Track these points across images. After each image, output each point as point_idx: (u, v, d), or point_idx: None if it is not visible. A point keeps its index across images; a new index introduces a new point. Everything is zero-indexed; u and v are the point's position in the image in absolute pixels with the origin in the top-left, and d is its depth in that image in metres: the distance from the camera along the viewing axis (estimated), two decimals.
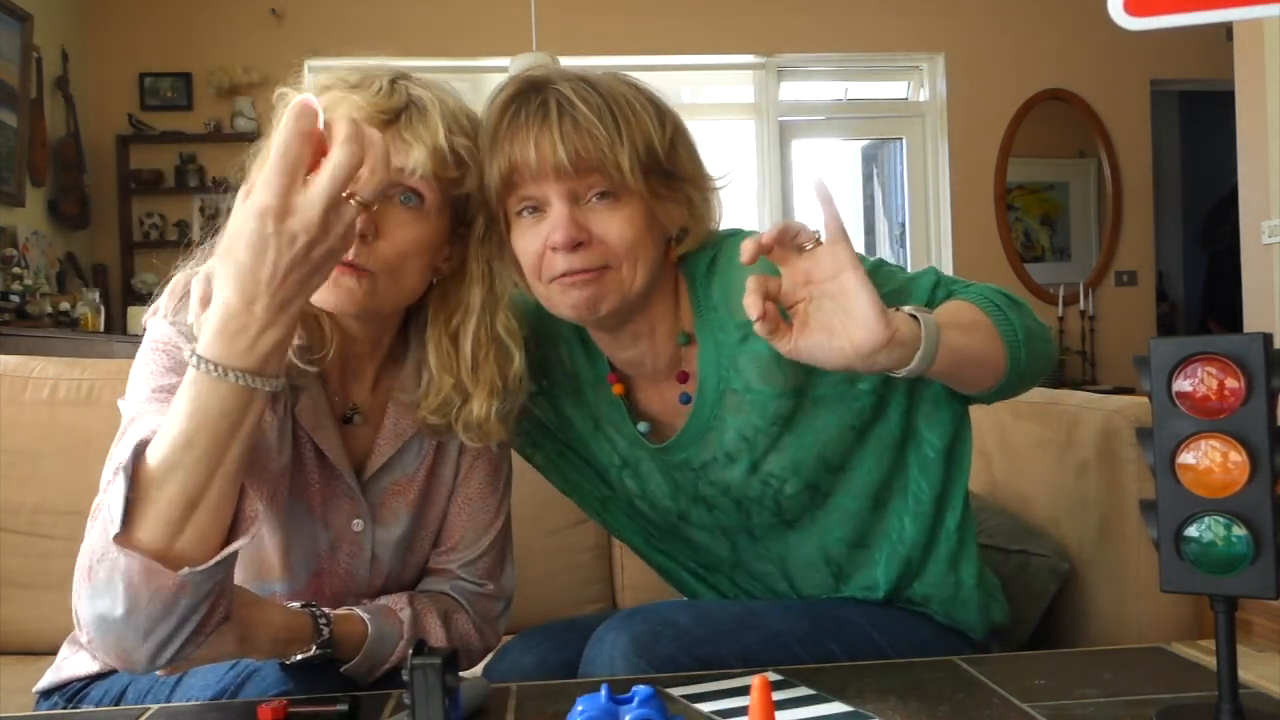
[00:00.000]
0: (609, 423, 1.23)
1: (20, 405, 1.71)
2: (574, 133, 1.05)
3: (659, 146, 1.09)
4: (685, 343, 1.18)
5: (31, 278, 4.24)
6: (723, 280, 1.15)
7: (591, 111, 1.06)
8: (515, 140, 1.06)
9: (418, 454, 1.17)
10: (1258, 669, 1.01)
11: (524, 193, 1.08)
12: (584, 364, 1.24)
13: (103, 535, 0.87)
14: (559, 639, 1.24)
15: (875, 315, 0.92)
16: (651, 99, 1.13)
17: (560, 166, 1.05)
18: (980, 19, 5.62)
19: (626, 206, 1.08)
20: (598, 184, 1.07)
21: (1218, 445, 0.83)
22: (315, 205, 0.83)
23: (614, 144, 1.06)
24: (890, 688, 0.99)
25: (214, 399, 0.85)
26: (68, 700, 1.17)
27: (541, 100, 1.07)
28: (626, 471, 1.24)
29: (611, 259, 1.08)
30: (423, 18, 5.26)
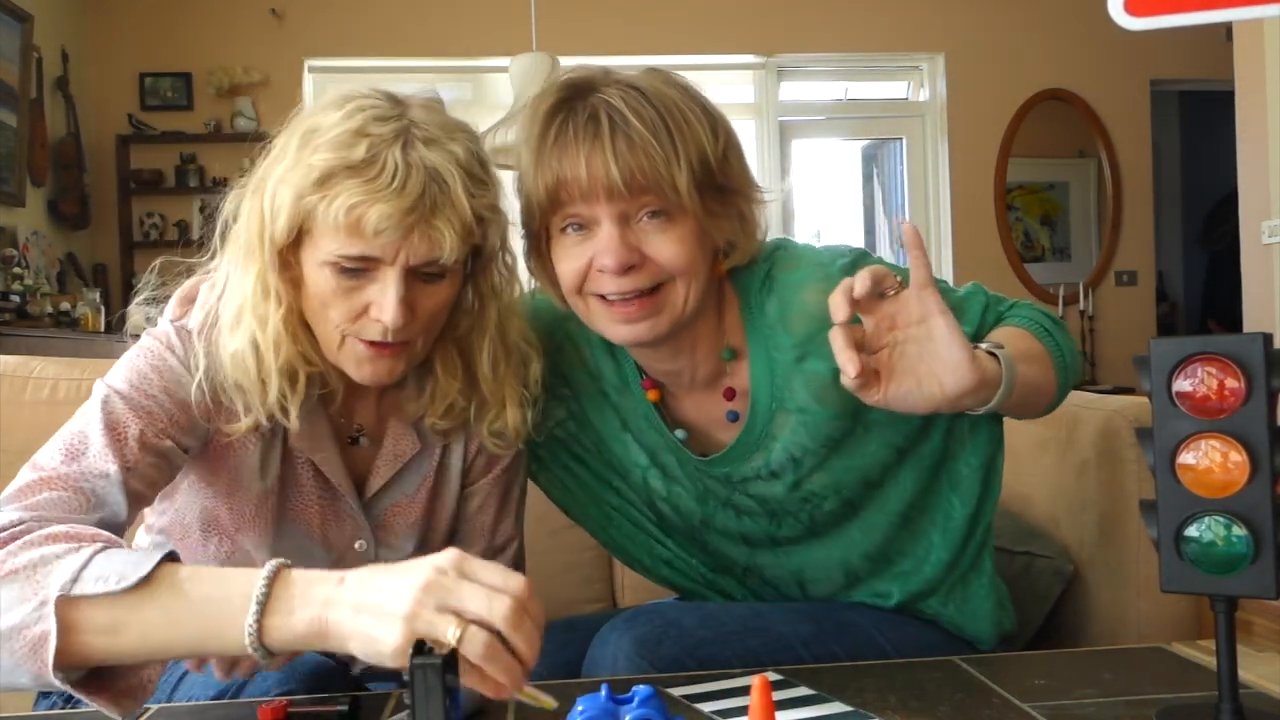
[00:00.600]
0: (638, 426, 1.21)
1: (20, 405, 1.70)
2: (628, 151, 1.00)
3: (713, 159, 1.04)
4: (730, 358, 1.15)
5: (32, 278, 4.24)
6: (780, 297, 1.12)
7: (646, 126, 1.00)
8: (564, 156, 1.01)
9: (418, 474, 1.16)
10: (1258, 669, 1.01)
11: (570, 210, 1.04)
12: (609, 367, 1.21)
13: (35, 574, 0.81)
14: (558, 639, 1.23)
15: (966, 360, 0.91)
16: (703, 105, 1.07)
17: (614, 187, 1.00)
18: (980, 19, 5.62)
19: (679, 225, 1.03)
20: (651, 203, 1.02)
21: (1218, 445, 0.83)
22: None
23: (670, 162, 1.01)
24: (890, 688, 0.99)
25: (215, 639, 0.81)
26: (66, 700, 1.17)
27: (591, 113, 1.02)
28: (653, 472, 1.22)
29: (664, 277, 1.05)
30: (423, 18, 5.26)
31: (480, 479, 1.20)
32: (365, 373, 1.05)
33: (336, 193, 0.97)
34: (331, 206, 0.97)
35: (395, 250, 0.99)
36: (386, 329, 1.00)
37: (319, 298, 1.02)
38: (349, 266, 1.00)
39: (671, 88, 1.06)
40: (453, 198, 1.00)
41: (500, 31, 4.99)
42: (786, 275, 1.12)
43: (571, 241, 1.05)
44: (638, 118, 1.01)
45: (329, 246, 1.00)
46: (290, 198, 1.00)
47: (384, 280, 1.00)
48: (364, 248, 0.99)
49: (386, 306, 1.00)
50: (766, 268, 1.14)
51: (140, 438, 0.99)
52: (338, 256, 0.99)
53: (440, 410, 1.12)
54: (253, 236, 1.04)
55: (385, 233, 0.97)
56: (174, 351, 1.04)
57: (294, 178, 1.00)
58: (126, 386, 1.02)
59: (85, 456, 0.98)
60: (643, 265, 1.03)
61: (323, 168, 0.98)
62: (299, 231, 1.02)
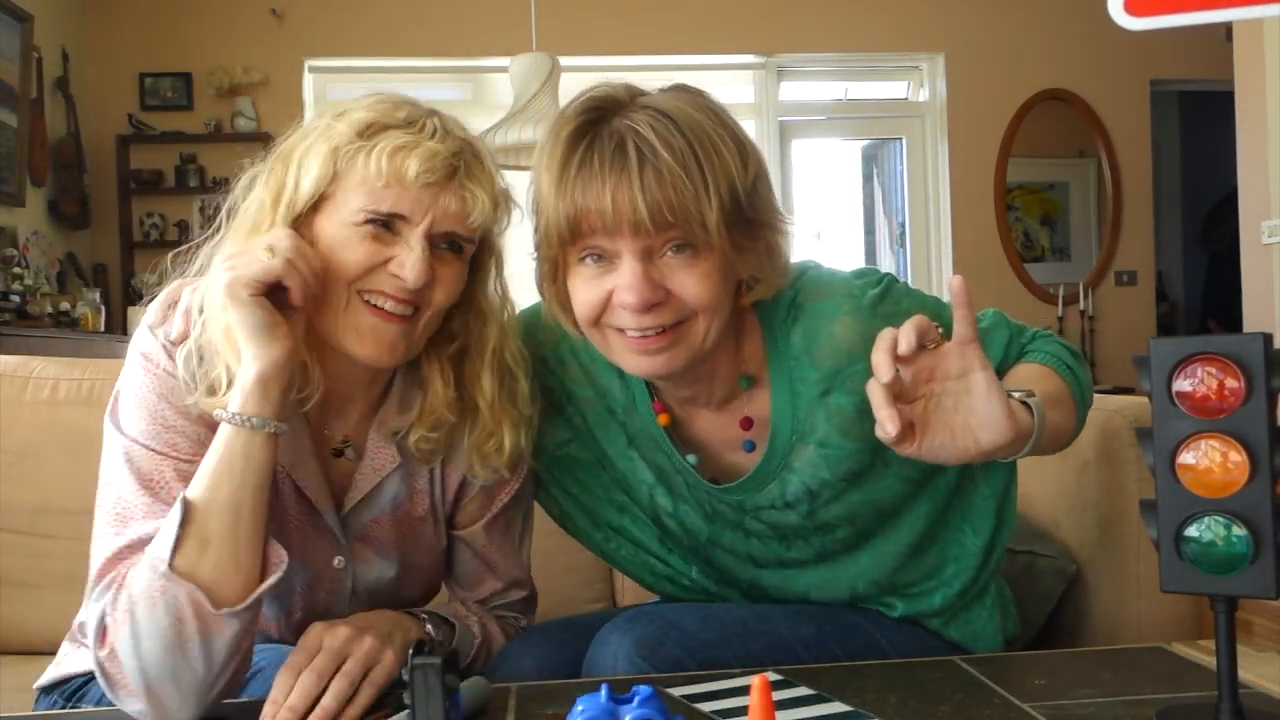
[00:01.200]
0: (645, 445, 1.18)
1: (20, 405, 1.70)
2: (656, 185, 0.95)
3: (742, 191, 0.99)
4: (748, 386, 1.13)
5: (32, 278, 4.24)
6: (806, 328, 1.09)
7: (675, 159, 0.96)
8: (588, 187, 0.97)
9: (395, 492, 1.14)
10: (1258, 669, 1.01)
11: (591, 243, 0.99)
12: (616, 386, 1.17)
13: (150, 573, 0.92)
14: (558, 640, 1.23)
15: (1004, 417, 0.91)
16: (733, 132, 1.02)
17: (640, 222, 0.95)
18: (980, 19, 5.62)
19: (705, 261, 0.99)
20: (676, 238, 0.98)
21: (1218, 445, 0.83)
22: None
23: (700, 197, 0.96)
24: (890, 688, 0.99)
25: (251, 448, 0.95)
26: (67, 699, 1.17)
27: (618, 142, 0.97)
28: (659, 490, 1.20)
29: (686, 314, 1.01)
30: (423, 18, 5.25)
31: (475, 521, 1.19)
32: (367, 346, 1.03)
33: (379, 140, 1.00)
34: (374, 152, 0.99)
35: (425, 209, 1.01)
36: (405, 285, 1.00)
37: (332, 260, 1.01)
38: (379, 221, 1.01)
39: (701, 113, 1.01)
40: (485, 167, 1.05)
41: (500, 31, 4.99)
42: (814, 305, 1.09)
43: (590, 273, 1.01)
44: (667, 149, 0.96)
45: (358, 203, 1.01)
46: (325, 151, 1.01)
47: (409, 239, 1.01)
48: (396, 203, 1.00)
49: (409, 262, 1.00)
50: (792, 295, 1.10)
51: (176, 473, 1.00)
52: (370, 212, 1.00)
53: (429, 424, 1.09)
54: (264, 208, 1.04)
55: (425, 176, 0.99)
56: (171, 373, 1.03)
57: (331, 135, 1.02)
58: (142, 428, 1.01)
59: (134, 520, 0.99)
60: (666, 302, 1.00)
61: (366, 120, 1.02)
62: (319, 198, 1.02)
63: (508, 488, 1.19)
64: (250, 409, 0.96)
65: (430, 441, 1.10)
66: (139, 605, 0.92)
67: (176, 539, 0.93)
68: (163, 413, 1.02)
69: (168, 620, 0.91)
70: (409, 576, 1.18)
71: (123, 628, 0.92)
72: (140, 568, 0.94)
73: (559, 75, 3.64)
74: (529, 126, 3.47)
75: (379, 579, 1.15)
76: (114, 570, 0.97)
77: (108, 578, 0.96)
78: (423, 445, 1.10)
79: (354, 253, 1.01)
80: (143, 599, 0.92)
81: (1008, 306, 1.22)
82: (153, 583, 0.92)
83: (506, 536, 1.22)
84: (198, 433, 1.01)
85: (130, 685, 0.93)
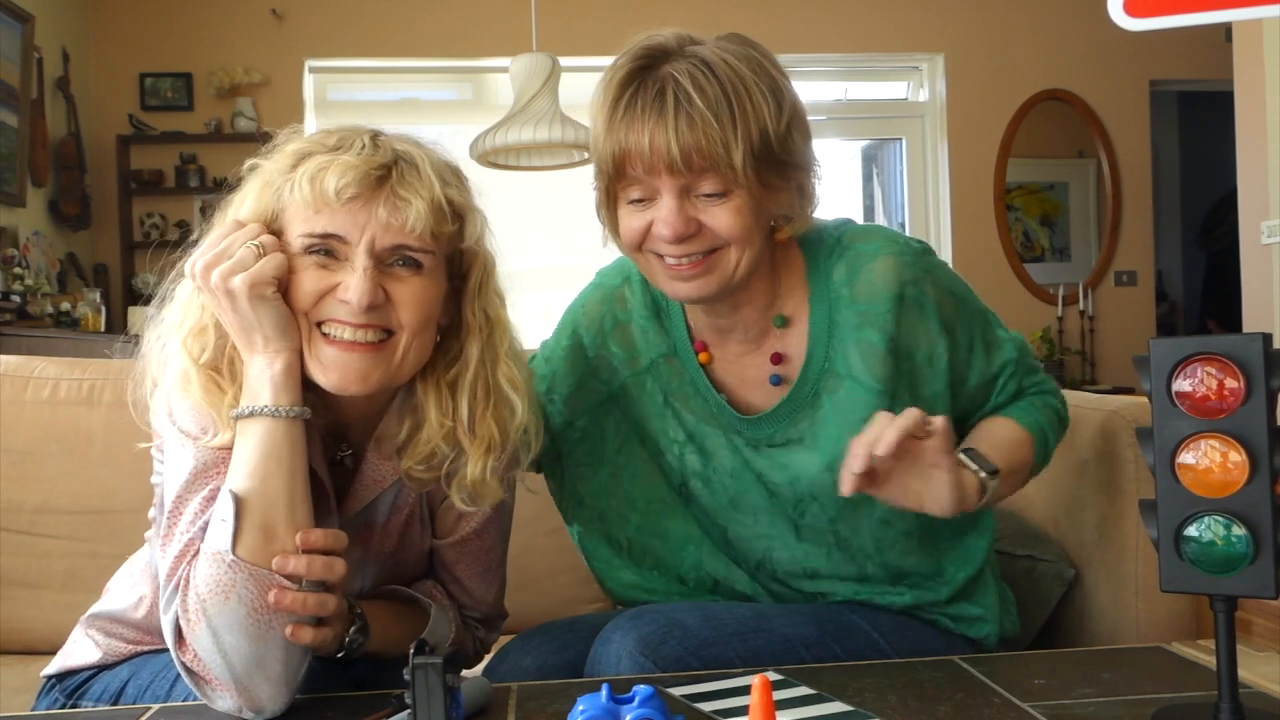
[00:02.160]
0: (680, 396, 1.23)
1: (21, 405, 1.71)
2: (689, 130, 1.04)
3: (774, 136, 1.08)
4: (782, 324, 1.20)
5: (32, 278, 4.24)
6: (849, 263, 1.17)
7: (708, 105, 1.05)
8: (630, 129, 1.06)
9: (390, 505, 1.13)
10: (1258, 669, 1.01)
11: (634, 178, 1.09)
12: (658, 339, 1.25)
13: (214, 567, 0.94)
14: (559, 640, 1.24)
15: (952, 503, 1.05)
16: (772, 80, 1.11)
17: (673, 163, 1.05)
18: (980, 19, 5.62)
19: (736, 199, 1.08)
20: (709, 178, 1.07)
21: (1217, 445, 0.83)
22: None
23: (728, 142, 1.05)
24: (890, 688, 0.99)
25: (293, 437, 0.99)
26: (68, 696, 1.17)
27: (659, 88, 1.06)
28: (690, 447, 1.23)
29: (719, 243, 1.09)
30: (423, 18, 5.25)
31: (448, 535, 1.17)
32: (332, 377, 1.01)
33: (304, 166, 1.01)
34: (298, 178, 1.00)
35: (361, 226, 1.00)
36: (353, 308, 0.99)
37: (294, 287, 1.02)
38: (319, 248, 1.01)
39: (744, 61, 1.09)
40: (421, 174, 1.03)
41: (500, 31, 4.99)
42: (860, 244, 1.18)
43: (635, 206, 1.11)
44: (701, 96, 1.05)
45: (296, 231, 1.02)
46: (258, 187, 1.03)
47: (353, 261, 1.01)
48: (328, 222, 1.00)
49: (353, 284, 0.99)
50: (838, 235, 1.20)
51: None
52: (305, 237, 1.01)
53: (421, 455, 1.07)
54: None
55: (347, 190, 0.99)
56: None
57: (265, 171, 1.04)
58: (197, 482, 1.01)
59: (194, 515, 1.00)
60: (698, 233, 1.08)
61: (298, 150, 1.03)
62: (274, 231, 1.03)
63: (479, 512, 1.15)
64: (285, 400, 0.99)
65: (423, 473, 1.08)
66: (209, 602, 0.93)
67: (235, 530, 0.94)
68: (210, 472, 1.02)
69: (244, 610, 0.93)
70: (393, 582, 1.18)
71: (199, 627, 0.93)
72: (201, 565, 0.95)
73: (559, 75, 3.64)
74: (529, 126, 3.47)
75: (362, 586, 1.15)
76: (179, 569, 0.97)
77: (176, 577, 0.97)
78: (415, 474, 1.09)
79: (302, 282, 1.01)
80: (211, 595, 0.93)
81: (1008, 306, 1.24)
82: (219, 576, 0.93)
83: (476, 560, 1.19)
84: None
85: (218, 681, 0.95)
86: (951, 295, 1.20)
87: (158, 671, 1.10)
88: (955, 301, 1.20)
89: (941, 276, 1.20)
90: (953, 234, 5.69)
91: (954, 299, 1.20)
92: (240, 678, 0.94)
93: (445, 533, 1.17)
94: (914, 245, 1.20)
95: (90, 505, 1.65)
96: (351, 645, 1.05)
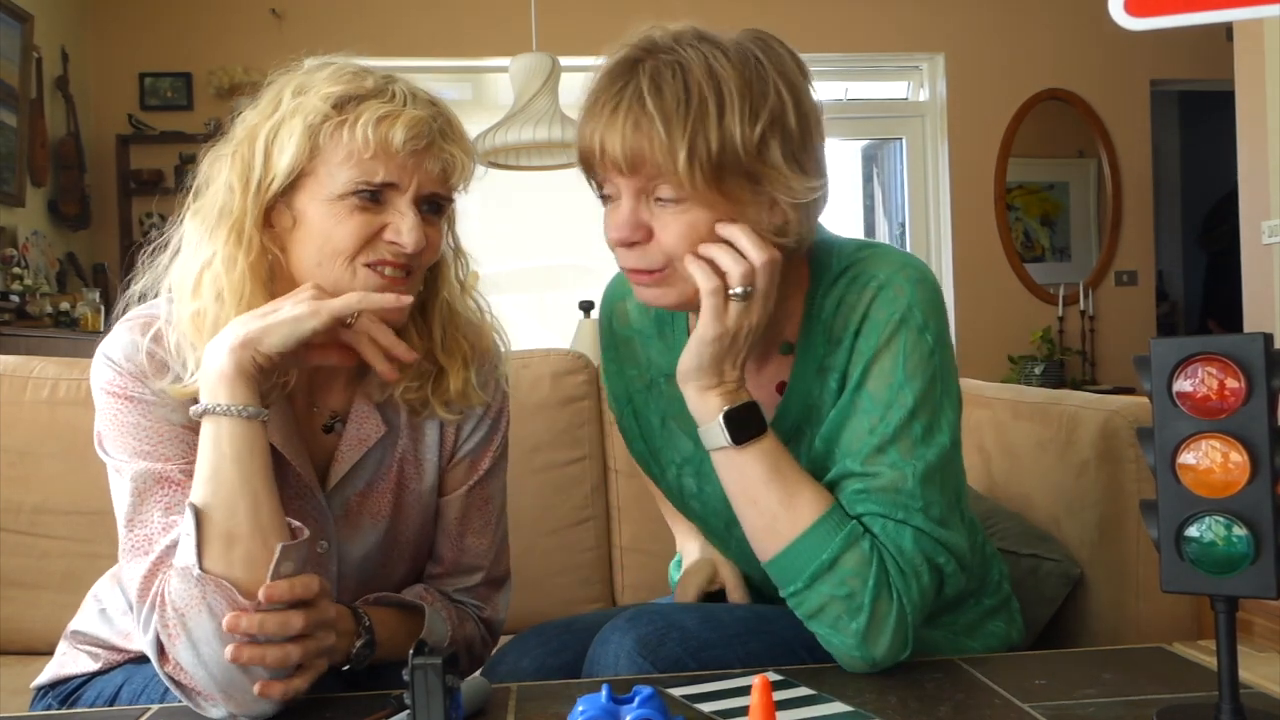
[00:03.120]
0: (679, 418, 1.20)
1: (20, 405, 1.70)
2: (633, 133, 1.00)
3: (740, 145, 1.00)
4: (787, 351, 1.15)
5: (31, 278, 4.24)
6: (841, 292, 1.09)
7: (660, 108, 0.99)
8: (590, 125, 1.04)
9: (382, 462, 1.15)
10: (1258, 669, 1.01)
11: (597, 178, 1.07)
12: (659, 357, 1.23)
13: (184, 582, 0.93)
14: (558, 641, 1.23)
15: None
16: (752, 83, 1.02)
17: (619, 164, 1.02)
18: (980, 19, 5.62)
19: (690, 210, 1.02)
20: (662, 184, 1.02)
21: (1218, 445, 0.83)
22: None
23: (673, 147, 0.99)
24: (890, 688, 0.99)
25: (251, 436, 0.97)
26: (62, 700, 1.17)
27: (622, 86, 1.03)
28: (688, 469, 1.23)
29: (663, 262, 1.04)
30: (423, 18, 5.25)
31: (459, 487, 1.20)
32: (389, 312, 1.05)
33: (359, 112, 1.02)
34: (358, 124, 1.01)
35: (411, 175, 1.04)
36: (403, 250, 1.03)
37: (325, 236, 1.03)
38: (370, 192, 1.03)
39: (735, 64, 1.03)
40: (455, 125, 1.08)
41: (500, 31, 4.99)
42: (862, 271, 1.09)
43: (608, 208, 1.08)
44: (655, 98, 1.00)
45: (347, 176, 1.02)
46: (300, 128, 1.02)
47: (399, 206, 1.04)
48: (385, 172, 1.02)
49: (405, 229, 1.03)
50: (848, 261, 1.11)
51: (183, 474, 1.01)
52: (359, 184, 1.02)
53: (411, 375, 1.12)
54: (232, 191, 1.04)
55: (413, 144, 1.02)
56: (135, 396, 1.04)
57: (304, 111, 1.03)
58: (132, 447, 1.02)
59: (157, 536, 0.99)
60: (647, 242, 1.04)
61: (338, 94, 1.03)
62: (299, 174, 1.03)
63: (489, 453, 1.21)
64: (239, 398, 0.97)
65: (415, 392, 1.13)
66: (187, 615, 0.93)
67: (198, 543, 0.93)
68: (147, 429, 1.02)
69: (215, 624, 0.92)
70: (396, 551, 1.18)
71: (179, 641, 0.93)
72: (174, 580, 0.94)
73: (559, 75, 3.64)
74: (529, 126, 3.47)
75: (365, 555, 1.15)
76: (152, 587, 0.97)
77: (150, 595, 0.97)
78: (409, 395, 1.13)
79: (346, 227, 1.03)
80: (187, 608, 0.93)
81: (1008, 306, 1.22)
82: (190, 590, 0.93)
83: (483, 512, 1.22)
84: (180, 434, 1.03)
85: (205, 691, 0.94)
86: (914, 353, 1.05)
87: (151, 676, 1.10)
88: (910, 359, 1.05)
89: (918, 329, 1.05)
90: (953, 234, 5.69)
91: (914, 356, 1.05)
92: (225, 686, 0.93)
93: (454, 486, 1.20)
94: (910, 284, 1.07)
95: (89, 505, 1.65)
96: (358, 659, 1.06)
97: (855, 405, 1.06)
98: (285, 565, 0.95)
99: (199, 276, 1.04)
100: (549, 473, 1.84)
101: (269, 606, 0.93)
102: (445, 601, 1.19)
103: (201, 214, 1.06)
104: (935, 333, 1.06)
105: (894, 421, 1.04)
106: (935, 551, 1.04)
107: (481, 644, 1.23)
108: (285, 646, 0.94)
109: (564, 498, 1.85)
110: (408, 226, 1.03)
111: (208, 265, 1.04)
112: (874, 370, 1.05)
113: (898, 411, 1.04)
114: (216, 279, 1.03)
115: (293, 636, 0.94)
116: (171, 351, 1.04)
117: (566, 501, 1.85)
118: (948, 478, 1.06)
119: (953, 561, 1.05)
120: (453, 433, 1.19)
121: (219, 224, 1.04)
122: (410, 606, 1.14)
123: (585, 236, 5.67)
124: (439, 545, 1.21)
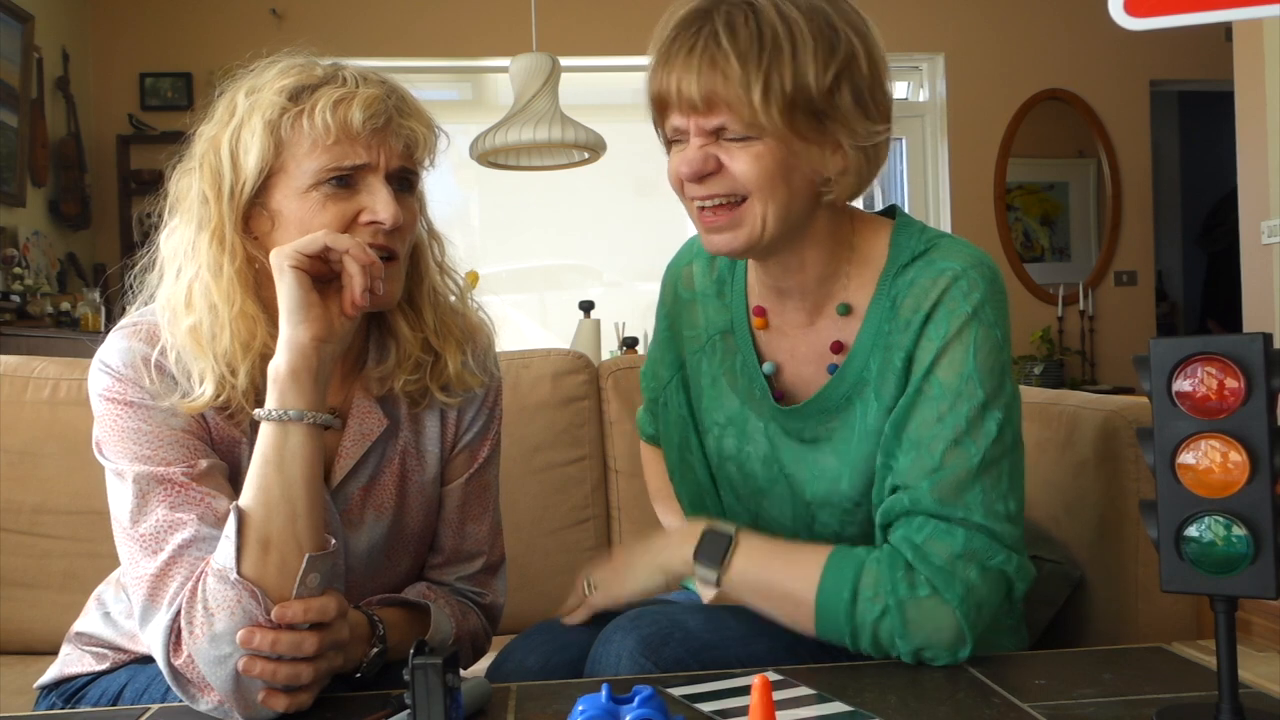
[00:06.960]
0: (729, 375, 1.23)
1: (21, 405, 1.71)
2: (709, 71, 1.04)
3: (813, 85, 1.04)
4: (845, 313, 1.17)
5: (32, 278, 4.24)
6: (915, 275, 1.12)
7: (735, 47, 1.04)
8: (664, 71, 1.07)
9: (385, 455, 1.15)
10: (1258, 669, 1.01)
11: (670, 123, 1.10)
12: (718, 316, 1.25)
13: (220, 583, 0.93)
14: (562, 639, 1.23)
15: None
16: (830, 31, 1.06)
17: (694, 103, 1.05)
18: (980, 19, 5.62)
19: (759, 144, 1.06)
20: (733, 120, 1.06)
21: (1218, 445, 0.83)
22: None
23: (749, 83, 1.03)
24: (890, 687, 0.99)
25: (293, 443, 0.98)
26: (65, 700, 1.17)
27: (697, 29, 1.06)
28: (730, 430, 1.23)
29: (741, 191, 1.08)
30: (423, 18, 5.26)
31: (459, 476, 1.21)
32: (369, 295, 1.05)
33: (314, 100, 1.04)
34: (315, 111, 1.03)
35: (377, 152, 1.05)
36: (383, 227, 1.04)
37: (304, 229, 1.03)
38: (341, 176, 1.04)
39: (798, 10, 1.06)
40: (409, 101, 1.10)
41: (500, 31, 4.99)
42: (936, 258, 1.13)
43: (676, 148, 1.11)
44: (730, 38, 1.04)
45: (314, 164, 1.03)
46: (260, 125, 1.04)
47: (371, 187, 1.05)
48: (352, 155, 1.04)
49: (381, 205, 1.05)
50: (927, 244, 1.15)
51: (187, 477, 1.01)
52: (329, 170, 1.03)
53: (409, 367, 1.14)
54: (206, 201, 1.06)
55: (372, 122, 1.03)
56: (134, 401, 1.04)
57: (259, 110, 1.05)
58: (134, 451, 1.02)
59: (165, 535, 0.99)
60: (719, 172, 1.08)
61: (290, 86, 1.05)
62: (268, 174, 1.04)
63: (488, 441, 1.23)
64: (287, 402, 0.98)
65: (415, 383, 1.14)
66: (216, 615, 0.93)
67: (237, 546, 0.94)
68: (144, 433, 1.02)
69: (241, 626, 0.93)
70: (401, 544, 1.18)
71: (201, 636, 0.93)
72: (210, 579, 0.94)
73: (559, 75, 3.64)
74: (529, 126, 3.47)
75: (371, 550, 1.15)
76: (166, 587, 0.97)
77: (166, 593, 0.96)
78: (409, 387, 1.14)
79: (323, 217, 1.04)
80: (218, 608, 0.93)
81: None
82: (225, 593, 0.93)
83: (482, 499, 1.24)
84: (181, 438, 1.03)
85: (210, 687, 0.94)
86: (984, 346, 1.08)
87: (153, 677, 1.10)
88: (980, 351, 1.08)
89: (989, 325, 1.09)
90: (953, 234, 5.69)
91: (984, 349, 1.08)
92: (232, 688, 0.93)
93: (455, 475, 1.21)
94: (985, 281, 1.10)
95: (90, 505, 1.65)
96: (371, 667, 1.06)
97: (924, 391, 1.09)
98: (311, 576, 0.95)
99: (189, 290, 1.05)
100: (549, 473, 1.84)
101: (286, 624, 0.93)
102: (448, 597, 1.19)
103: (179, 231, 1.08)
104: (1004, 333, 1.11)
105: (964, 412, 1.07)
106: (989, 549, 1.05)
107: (484, 635, 1.24)
108: (297, 666, 0.94)
109: (564, 498, 1.85)
110: (383, 202, 1.05)
111: (195, 278, 1.05)
112: (944, 359, 1.09)
113: (967, 402, 1.07)
114: (206, 290, 1.04)
115: (305, 657, 0.94)
116: (173, 368, 1.04)
117: (566, 501, 1.85)
118: (1012, 474, 1.09)
119: (1015, 558, 1.07)
120: (453, 423, 1.20)
121: (199, 235, 1.06)
122: (415, 605, 1.14)
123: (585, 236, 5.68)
124: (440, 535, 1.22)
